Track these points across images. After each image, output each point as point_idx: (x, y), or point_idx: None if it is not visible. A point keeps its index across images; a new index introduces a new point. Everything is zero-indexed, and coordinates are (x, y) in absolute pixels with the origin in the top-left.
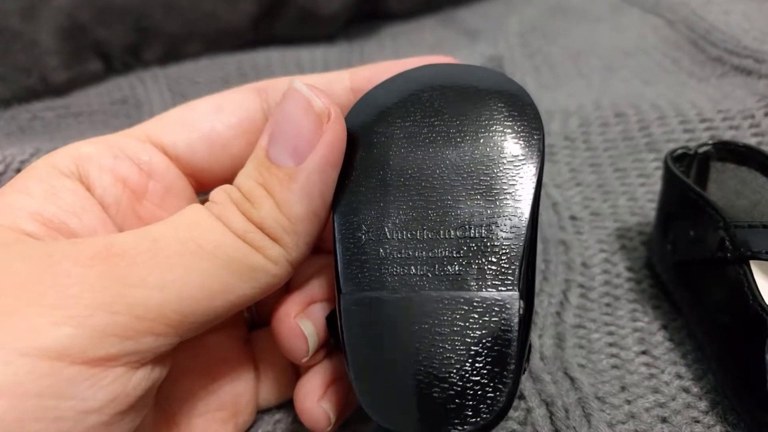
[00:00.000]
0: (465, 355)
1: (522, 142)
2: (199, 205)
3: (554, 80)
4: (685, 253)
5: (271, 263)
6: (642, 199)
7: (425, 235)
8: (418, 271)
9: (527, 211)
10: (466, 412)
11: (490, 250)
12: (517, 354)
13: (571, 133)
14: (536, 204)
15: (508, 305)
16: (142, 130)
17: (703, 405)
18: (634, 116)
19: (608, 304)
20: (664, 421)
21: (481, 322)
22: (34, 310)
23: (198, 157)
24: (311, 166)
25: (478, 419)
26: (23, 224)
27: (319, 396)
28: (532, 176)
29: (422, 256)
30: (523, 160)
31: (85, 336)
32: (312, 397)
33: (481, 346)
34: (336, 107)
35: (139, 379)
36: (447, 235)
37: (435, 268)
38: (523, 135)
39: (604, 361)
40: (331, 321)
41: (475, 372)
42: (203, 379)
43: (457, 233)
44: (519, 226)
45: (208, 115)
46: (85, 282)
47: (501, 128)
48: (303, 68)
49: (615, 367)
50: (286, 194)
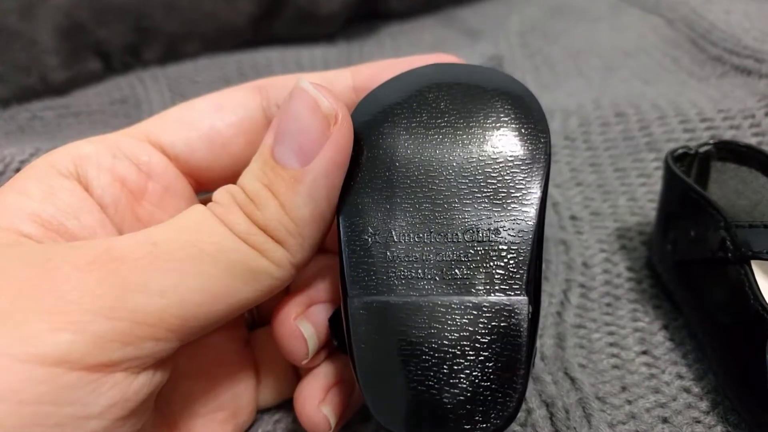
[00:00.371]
0: (474, 361)
1: (529, 145)
2: (201, 206)
3: (554, 80)
4: (686, 252)
5: (274, 266)
6: (642, 199)
7: (433, 238)
8: (426, 275)
9: (534, 215)
10: (476, 418)
11: (497, 254)
12: (526, 359)
13: (572, 132)
14: (543, 208)
15: (517, 310)
16: (141, 130)
17: (704, 405)
18: (634, 116)
19: (609, 304)
20: (665, 421)
21: (490, 327)
22: (33, 316)
23: (197, 157)
24: (318, 168)
25: (488, 424)
26: (21, 226)
27: (319, 400)
28: (539, 180)
29: (430, 259)
30: (530, 163)
31: (85, 342)
32: (312, 401)
33: (490, 351)
34: (344, 108)
35: (140, 384)
36: (454, 238)
37: (443, 272)
38: (530, 138)
39: (605, 362)
40: (334, 323)
41: (485, 377)
42: (203, 380)
43: (465, 236)
44: (526, 230)
45: (207, 114)
46: (85, 287)
47: (508, 130)
48: (302, 68)
49: (616, 368)
50: (292, 196)
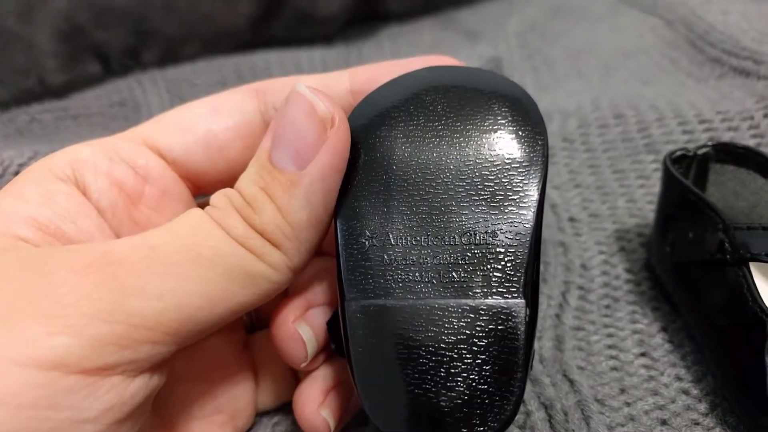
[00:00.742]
0: (472, 364)
1: (526, 148)
2: (199, 210)
3: (553, 81)
4: (685, 254)
5: (271, 270)
6: (641, 201)
7: (430, 241)
8: (423, 278)
9: (531, 218)
10: (473, 421)
11: (494, 257)
12: (523, 362)
13: (570, 134)
14: (540, 210)
15: (515, 313)
16: (138, 133)
17: (703, 407)
18: (633, 117)
19: (607, 306)
20: (664, 423)
21: (487, 330)
22: (30, 319)
23: (194, 160)
24: (314, 172)
25: (486, 427)
26: (18, 230)
27: (318, 403)
28: (536, 183)
29: (427, 262)
30: (528, 166)
31: (82, 345)
32: (311, 404)
33: (487, 354)
34: (341, 112)
35: (137, 388)
36: (452, 241)
37: (440, 275)
38: (527, 140)
39: (604, 364)
40: (332, 326)
41: (482, 380)
42: (201, 383)
43: (462, 239)
44: (523, 233)
45: (204, 117)
46: (82, 290)
47: (505, 133)
48: (301, 70)
49: (614, 369)
50: (289, 200)
